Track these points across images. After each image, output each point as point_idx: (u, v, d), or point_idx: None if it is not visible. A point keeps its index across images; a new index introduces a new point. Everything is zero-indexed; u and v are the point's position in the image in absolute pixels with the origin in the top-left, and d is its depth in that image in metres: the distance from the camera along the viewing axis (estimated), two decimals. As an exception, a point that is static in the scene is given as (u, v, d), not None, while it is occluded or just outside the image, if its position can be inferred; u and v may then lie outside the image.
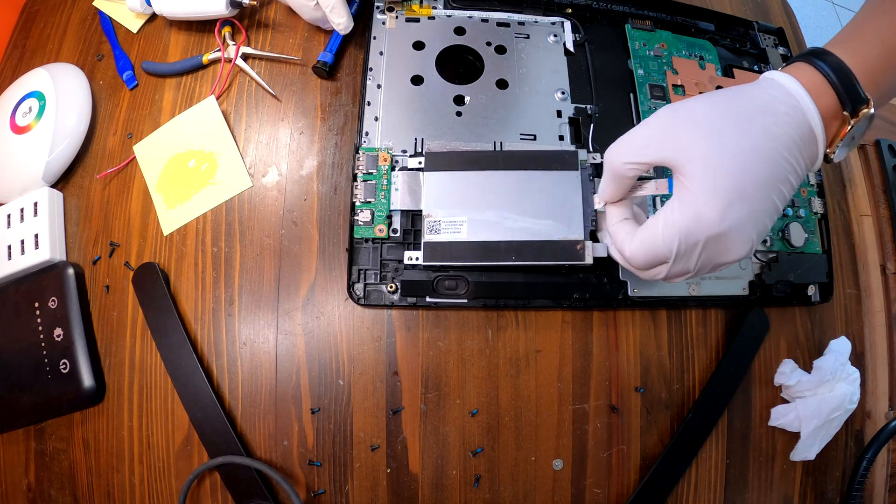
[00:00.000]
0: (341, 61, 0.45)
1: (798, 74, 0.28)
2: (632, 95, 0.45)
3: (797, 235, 0.43)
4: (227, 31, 0.44)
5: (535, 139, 0.42)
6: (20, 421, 0.41)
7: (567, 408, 0.40)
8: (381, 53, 0.43)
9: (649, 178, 0.33)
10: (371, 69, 0.43)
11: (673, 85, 0.45)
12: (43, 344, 0.40)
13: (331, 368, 0.39)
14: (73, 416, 0.40)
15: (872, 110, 0.27)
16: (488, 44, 0.44)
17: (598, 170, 0.40)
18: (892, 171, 0.49)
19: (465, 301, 0.39)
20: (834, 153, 0.29)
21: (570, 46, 0.45)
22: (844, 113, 0.28)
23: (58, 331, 0.40)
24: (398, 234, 0.39)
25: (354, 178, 0.39)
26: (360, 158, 0.40)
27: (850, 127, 0.28)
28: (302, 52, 0.45)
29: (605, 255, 0.35)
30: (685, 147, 0.27)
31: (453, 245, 0.37)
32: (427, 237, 0.37)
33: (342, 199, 0.41)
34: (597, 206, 0.34)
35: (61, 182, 0.44)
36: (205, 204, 0.42)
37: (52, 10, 0.50)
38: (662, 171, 0.42)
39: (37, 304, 0.41)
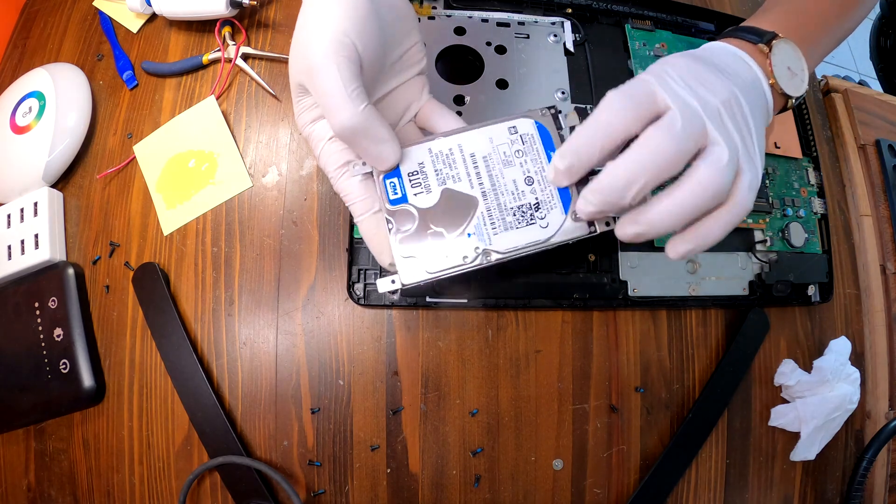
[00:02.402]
0: (341, 61, 0.45)
1: (762, 63, 0.31)
2: (632, 95, 0.45)
3: (797, 235, 0.43)
4: (227, 31, 0.44)
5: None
6: (20, 421, 0.41)
7: (567, 408, 0.40)
8: (381, 53, 0.43)
9: None
10: (371, 69, 0.43)
11: (673, 85, 0.45)
12: (43, 344, 0.40)
13: (331, 368, 0.39)
14: (73, 416, 0.40)
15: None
16: (488, 44, 0.44)
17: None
18: (892, 171, 0.49)
19: (465, 301, 0.39)
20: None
21: (570, 46, 0.45)
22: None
23: (58, 331, 0.40)
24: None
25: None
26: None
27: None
28: (302, 52, 0.45)
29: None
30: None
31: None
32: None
33: (342, 200, 0.41)
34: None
35: (61, 182, 0.44)
36: (205, 204, 0.42)
37: (52, 10, 0.50)
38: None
39: (37, 304, 0.41)
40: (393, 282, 0.31)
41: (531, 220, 0.31)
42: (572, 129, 0.34)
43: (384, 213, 0.31)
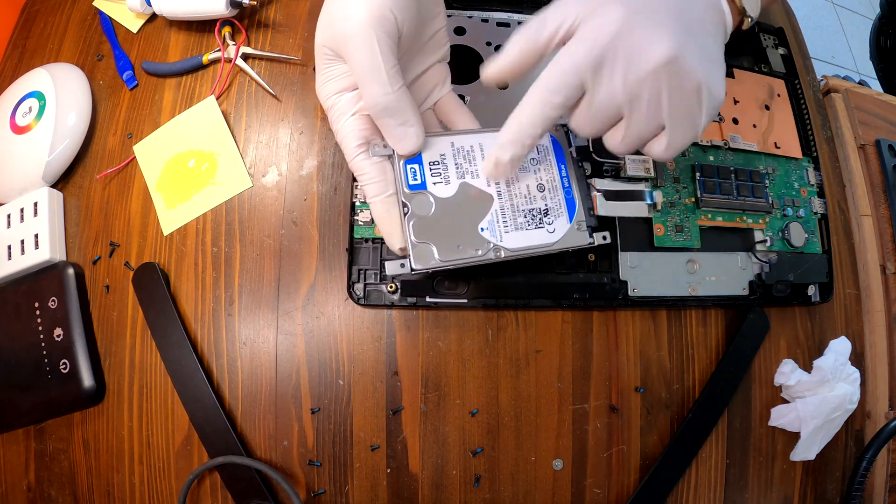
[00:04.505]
0: (341, 61, 0.45)
1: None
2: (632, 95, 0.45)
3: (797, 235, 0.43)
4: (227, 31, 0.44)
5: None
6: (20, 421, 0.41)
7: (567, 408, 0.40)
8: (381, 53, 0.43)
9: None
10: (371, 69, 0.43)
11: (673, 85, 0.45)
12: (43, 344, 0.40)
13: (331, 368, 0.39)
14: (73, 416, 0.40)
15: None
16: (488, 44, 0.44)
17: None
18: (892, 171, 0.49)
19: (465, 301, 0.39)
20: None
21: (570, 46, 0.45)
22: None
23: (58, 331, 0.40)
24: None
25: (354, 178, 0.39)
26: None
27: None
28: (302, 52, 0.45)
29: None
30: None
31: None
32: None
33: (342, 199, 0.41)
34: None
35: (61, 182, 0.44)
36: (205, 204, 0.42)
37: (52, 10, 0.50)
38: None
39: (37, 304, 0.41)
40: (402, 266, 0.31)
41: (540, 223, 0.33)
42: (580, 157, 0.36)
43: (400, 197, 0.31)
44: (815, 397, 0.41)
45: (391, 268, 0.32)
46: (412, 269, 0.31)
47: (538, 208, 0.33)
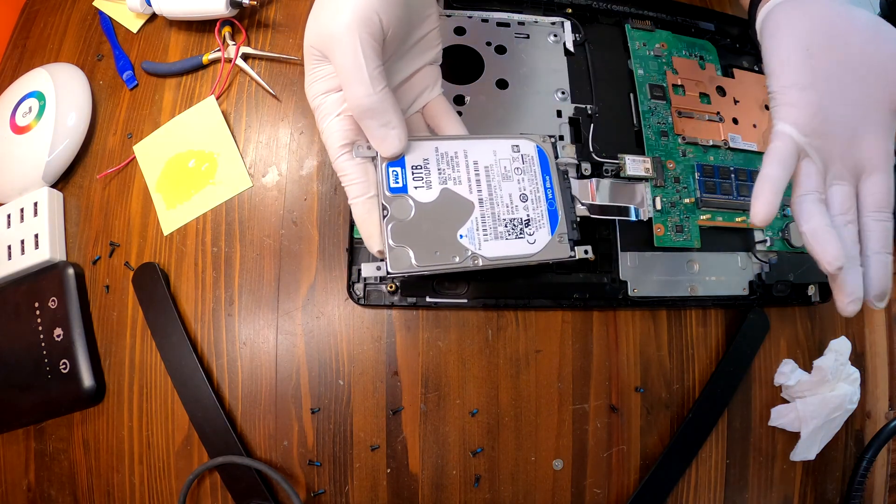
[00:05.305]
0: (341, 61, 0.45)
1: None
2: (632, 95, 0.45)
3: (797, 235, 0.43)
4: (227, 31, 0.44)
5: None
6: (20, 421, 0.41)
7: (567, 408, 0.40)
8: (381, 53, 0.43)
9: None
10: (371, 69, 0.43)
11: (673, 85, 0.45)
12: (43, 344, 0.40)
13: (331, 368, 0.39)
14: (73, 416, 0.40)
15: None
16: (488, 44, 0.44)
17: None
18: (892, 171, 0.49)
19: (465, 301, 0.39)
20: None
21: (570, 46, 0.45)
22: None
23: (58, 331, 0.40)
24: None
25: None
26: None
27: None
28: (302, 52, 0.45)
29: None
30: None
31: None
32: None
33: (342, 199, 0.41)
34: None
35: (61, 182, 0.44)
36: (205, 204, 0.42)
37: (52, 10, 0.50)
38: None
39: (37, 304, 0.41)
40: (378, 268, 0.32)
41: (520, 234, 0.33)
42: (566, 170, 0.35)
43: (381, 200, 0.31)
44: (815, 397, 0.41)
45: (367, 270, 0.32)
46: (388, 273, 0.30)
47: (519, 218, 0.33)
